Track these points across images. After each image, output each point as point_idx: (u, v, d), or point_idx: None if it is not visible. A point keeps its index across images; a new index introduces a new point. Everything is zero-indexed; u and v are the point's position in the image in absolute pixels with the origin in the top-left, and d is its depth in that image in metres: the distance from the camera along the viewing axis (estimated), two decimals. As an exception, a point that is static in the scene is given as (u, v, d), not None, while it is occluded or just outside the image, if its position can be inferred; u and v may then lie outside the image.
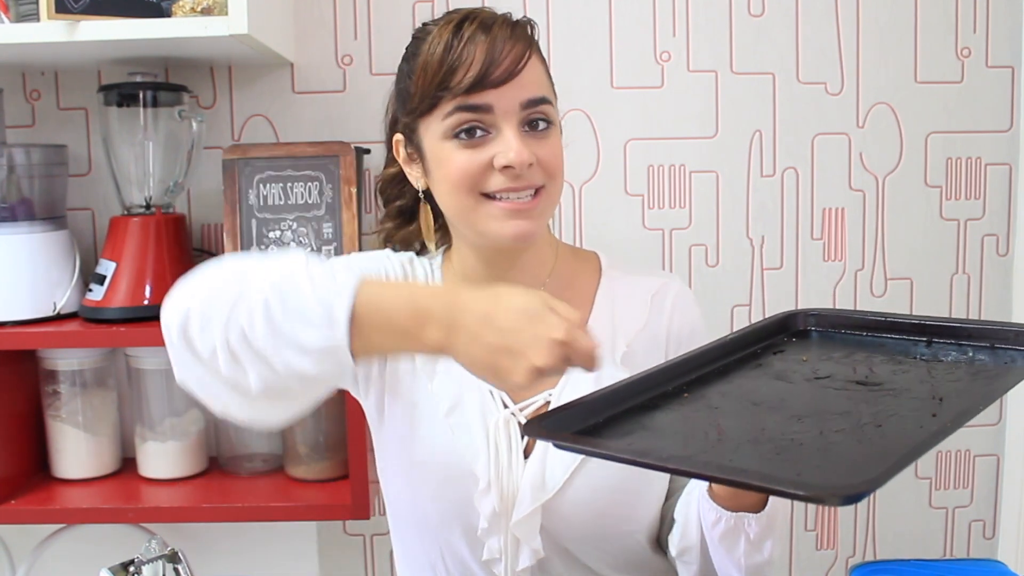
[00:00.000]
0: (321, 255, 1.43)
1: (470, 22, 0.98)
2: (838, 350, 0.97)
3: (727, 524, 0.96)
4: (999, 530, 1.68)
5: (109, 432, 1.56)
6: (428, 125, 1.00)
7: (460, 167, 0.98)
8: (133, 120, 1.47)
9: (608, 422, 0.82)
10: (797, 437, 0.76)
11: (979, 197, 1.60)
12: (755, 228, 1.60)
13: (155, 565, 1.05)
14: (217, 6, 1.33)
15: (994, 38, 1.57)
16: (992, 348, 0.92)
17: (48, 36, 1.29)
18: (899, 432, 0.76)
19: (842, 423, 0.78)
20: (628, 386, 0.86)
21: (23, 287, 1.44)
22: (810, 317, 1.04)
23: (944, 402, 0.81)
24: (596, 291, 1.10)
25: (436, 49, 0.98)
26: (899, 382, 0.87)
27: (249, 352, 0.82)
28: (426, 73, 0.98)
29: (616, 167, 1.58)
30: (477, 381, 1.01)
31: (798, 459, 0.72)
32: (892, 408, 0.81)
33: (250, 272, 0.85)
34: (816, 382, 0.89)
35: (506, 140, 0.97)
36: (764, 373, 0.93)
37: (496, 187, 0.98)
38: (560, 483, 1.00)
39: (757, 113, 1.57)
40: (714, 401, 0.86)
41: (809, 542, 1.67)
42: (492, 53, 0.97)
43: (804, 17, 1.56)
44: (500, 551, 1.01)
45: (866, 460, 0.69)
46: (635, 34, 1.56)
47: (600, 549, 1.04)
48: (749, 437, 0.78)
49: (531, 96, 0.98)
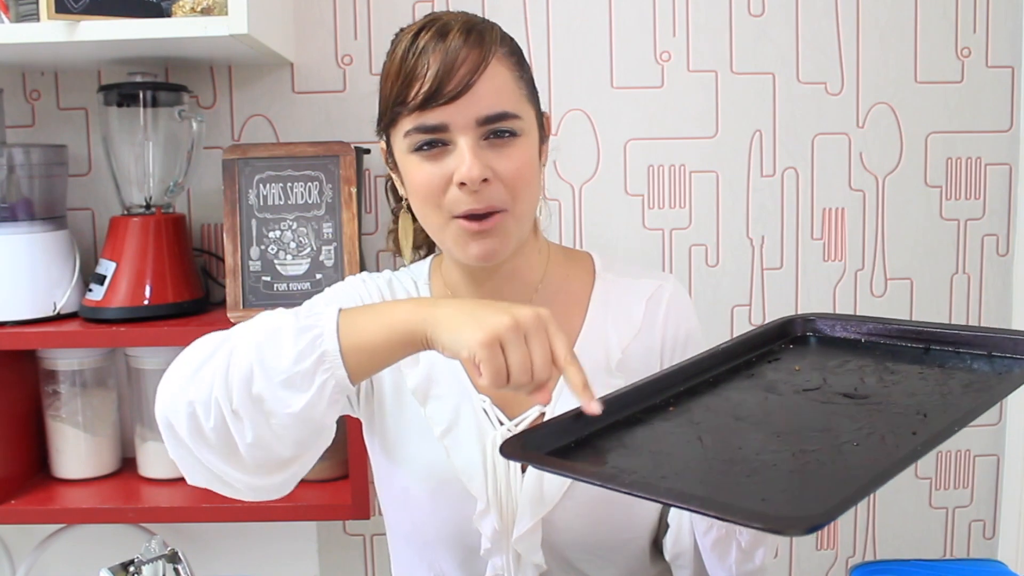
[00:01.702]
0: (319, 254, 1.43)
1: (427, 30, 0.95)
2: (833, 357, 0.97)
3: (718, 532, 0.96)
4: (999, 530, 1.68)
5: (109, 432, 1.56)
6: (395, 137, 0.99)
7: (422, 182, 0.96)
8: (133, 120, 1.47)
9: (589, 438, 0.82)
10: (770, 458, 0.76)
11: (979, 197, 1.60)
12: (755, 228, 1.60)
13: (155, 565, 1.05)
14: (217, 6, 1.33)
15: (994, 38, 1.57)
16: (989, 356, 0.91)
17: (48, 36, 1.29)
18: (875, 452, 0.75)
19: (819, 442, 0.78)
20: (614, 400, 0.85)
21: (23, 287, 1.44)
22: (809, 323, 1.03)
23: (928, 418, 0.80)
24: (590, 295, 1.08)
25: (395, 60, 0.96)
26: (886, 395, 0.86)
27: (252, 409, 0.85)
28: (385, 85, 0.97)
29: (616, 167, 1.58)
30: (472, 402, 1.02)
31: (767, 482, 0.72)
32: (873, 425, 0.80)
33: (232, 338, 0.88)
34: (803, 395, 0.88)
35: (460, 154, 0.93)
36: (754, 384, 0.92)
37: (459, 209, 0.94)
38: (558, 496, 0.99)
39: (757, 113, 1.57)
40: (697, 416, 0.86)
41: (809, 542, 1.67)
42: (446, 64, 0.92)
43: (804, 17, 1.56)
44: (503, 568, 1.00)
45: (834, 485, 0.69)
46: (635, 34, 1.56)
47: (602, 559, 1.04)
48: (724, 456, 0.78)
49: (488, 112, 0.94)
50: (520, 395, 0.85)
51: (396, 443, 1.05)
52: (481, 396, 1.03)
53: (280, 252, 1.44)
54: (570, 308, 1.07)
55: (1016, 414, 1.62)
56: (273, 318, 0.89)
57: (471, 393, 1.03)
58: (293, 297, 1.43)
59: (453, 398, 1.03)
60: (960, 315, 1.62)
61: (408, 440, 1.04)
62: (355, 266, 1.43)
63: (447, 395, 1.03)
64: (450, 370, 1.04)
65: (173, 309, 1.45)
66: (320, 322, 0.86)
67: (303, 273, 1.44)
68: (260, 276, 1.44)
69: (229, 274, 1.43)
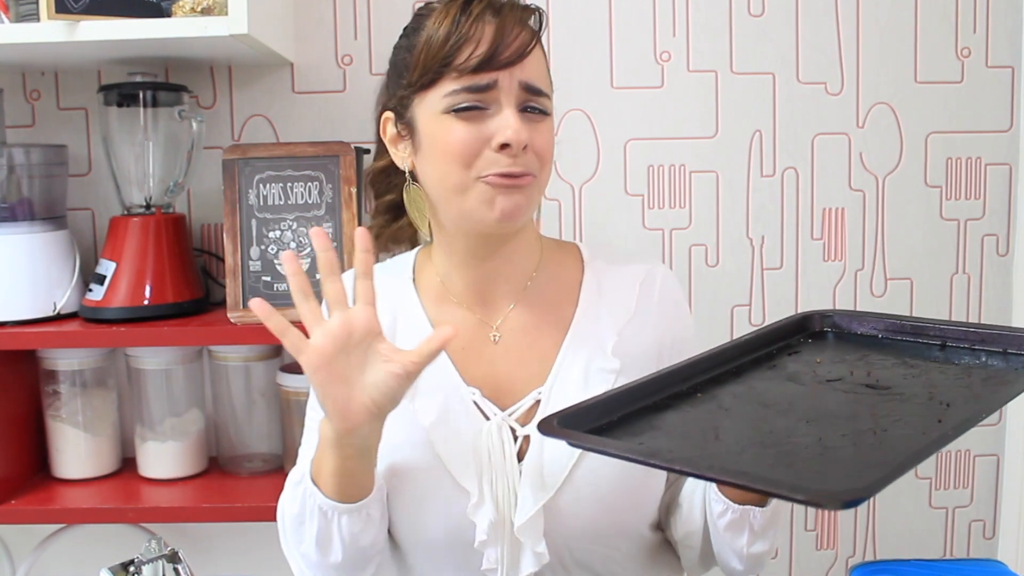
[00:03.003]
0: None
1: (479, 2, 0.98)
2: (852, 352, 0.98)
3: (733, 515, 0.98)
4: (999, 530, 1.68)
5: (109, 432, 1.56)
6: (426, 99, 0.99)
7: (459, 139, 0.96)
8: (133, 120, 1.47)
9: (620, 421, 0.84)
10: (801, 441, 0.77)
11: (979, 197, 1.60)
12: (755, 228, 1.60)
13: (155, 565, 1.05)
14: (217, 6, 1.33)
15: (994, 38, 1.57)
16: (1004, 354, 0.93)
17: (48, 36, 1.29)
18: (902, 438, 0.77)
19: (846, 428, 0.80)
20: (642, 386, 0.88)
21: (23, 287, 1.44)
22: (827, 319, 1.05)
23: (951, 407, 0.82)
24: (581, 284, 1.10)
25: (441, 24, 0.97)
26: (908, 387, 0.88)
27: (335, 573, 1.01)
28: (430, 48, 0.97)
29: (616, 167, 1.58)
30: (461, 394, 1.04)
31: (799, 463, 0.74)
32: (898, 413, 0.82)
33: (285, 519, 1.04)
34: (826, 385, 0.90)
35: (505, 118, 0.96)
36: (777, 375, 0.94)
37: (489, 170, 0.97)
38: (560, 481, 0.99)
39: (757, 113, 1.57)
40: (725, 402, 0.88)
41: (809, 542, 1.67)
42: (501, 34, 0.96)
43: (804, 17, 1.56)
44: (498, 560, 1.00)
45: (865, 466, 0.71)
46: (635, 34, 1.56)
47: (605, 546, 1.03)
48: (755, 440, 0.79)
49: (532, 81, 0.98)
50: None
51: (388, 442, 1.05)
52: (471, 388, 1.03)
53: (280, 252, 1.44)
54: (562, 297, 1.09)
55: (1016, 414, 1.62)
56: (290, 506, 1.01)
57: (459, 387, 1.04)
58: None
59: (441, 393, 1.04)
60: (960, 315, 1.62)
61: (399, 437, 1.04)
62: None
63: (435, 389, 1.04)
64: (438, 365, 1.04)
65: (173, 309, 1.45)
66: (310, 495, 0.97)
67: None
68: (260, 276, 1.44)
69: (229, 274, 1.43)
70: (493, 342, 1.07)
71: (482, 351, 1.06)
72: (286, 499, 1.02)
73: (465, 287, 1.08)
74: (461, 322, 1.07)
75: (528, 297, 1.08)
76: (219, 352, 1.54)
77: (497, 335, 1.07)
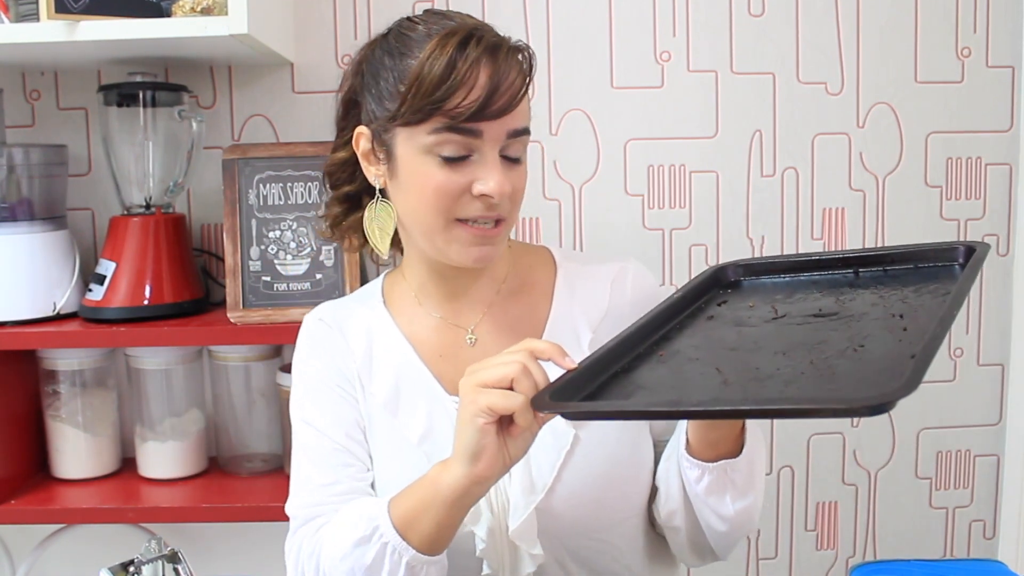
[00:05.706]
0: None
1: (476, 43, 0.95)
2: (778, 292, 0.99)
3: (711, 476, 0.97)
4: (999, 530, 1.68)
5: (109, 432, 1.56)
6: (409, 135, 0.97)
7: (439, 186, 0.96)
8: (133, 120, 1.47)
9: (601, 388, 0.83)
10: (793, 368, 0.76)
11: (979, 197, 1.60)
12: (755, 228, 1.60)
13: (155, 565, 1.05)
14: (217, 6, 1.33)
15: (994, 38, 1.57)
16: (916, 269, 0.95)
17: (48, 36, 1.29)
18: (882, 345, 0.76)
19: (826, 351, 0.79)
20: (605, 354, 0.86)
21: (23, 287, 1.44)
22: (739, 268, 1.05)
23: (905, 318, 0.82)
24: (554, 284, 1.10)
25: (436, 62, 0.94)
26: (853, 309, 0.88)
27: None
28: (421, 86, 0.94)
29: (616, 167, 1.58)
30: (444, 405, 1.04)
31: (810, 385, 0.73)
32: (863, 330, 0.82)
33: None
34: (776, 322, 0.90)
35: (488, 168, 0.96)
36: (722, 323, 0.94)
37: (469, 214, 0.98)
38: (550, 480, 0.99)
39: (757, 113, 1.57)
40: (692, 354, 0.87)
41: (809, 542, 1.67)
42: (496, 82, 0.94)
43: (804, 17, 1.56)
44: (499, 567, 1.00)
45: (875, 374, 0.70)
46: (635, 34, 1.56)
47: (600, 542, 1.04)
48: (750, 377, 0.78)
49: (517, 127, 0.98)
50: None
51: (377, 461, 1.06)
52: (453, 398, 1.03)
53: (280, 252, 1.44)
54: (535, 298, 1.09)
55: (1016, 414, 1.62)
56: (352, 562, 0.94)
57: (442, 397, 1.05)
58: (293, 297, 1.43)
59: (424, 405, 1.04)
60: (961, 315, 1.62)
61: (386, 454, 1.05)
62: (354, 266, 1.43)
63: (418, 403, 1.04)
64: (418, 378, 1.05)
65: (173, 309, 1.45)
66: (395, 551, 0.92)
67: (303, 273, 1.44)
68: (260, 276, 1.44)
69: (229, 274, 1.44)
70: (470, 345, 1.08)
71: (459, 355, 1.07)
72: (336, 554, 0.96)
73: (439, 293, 1.09)
74: (435, 330, 1.08)
75: (502, 299, 1.09)
76: (219, 352, 1.54)
77: (473, 337, 1.08)
